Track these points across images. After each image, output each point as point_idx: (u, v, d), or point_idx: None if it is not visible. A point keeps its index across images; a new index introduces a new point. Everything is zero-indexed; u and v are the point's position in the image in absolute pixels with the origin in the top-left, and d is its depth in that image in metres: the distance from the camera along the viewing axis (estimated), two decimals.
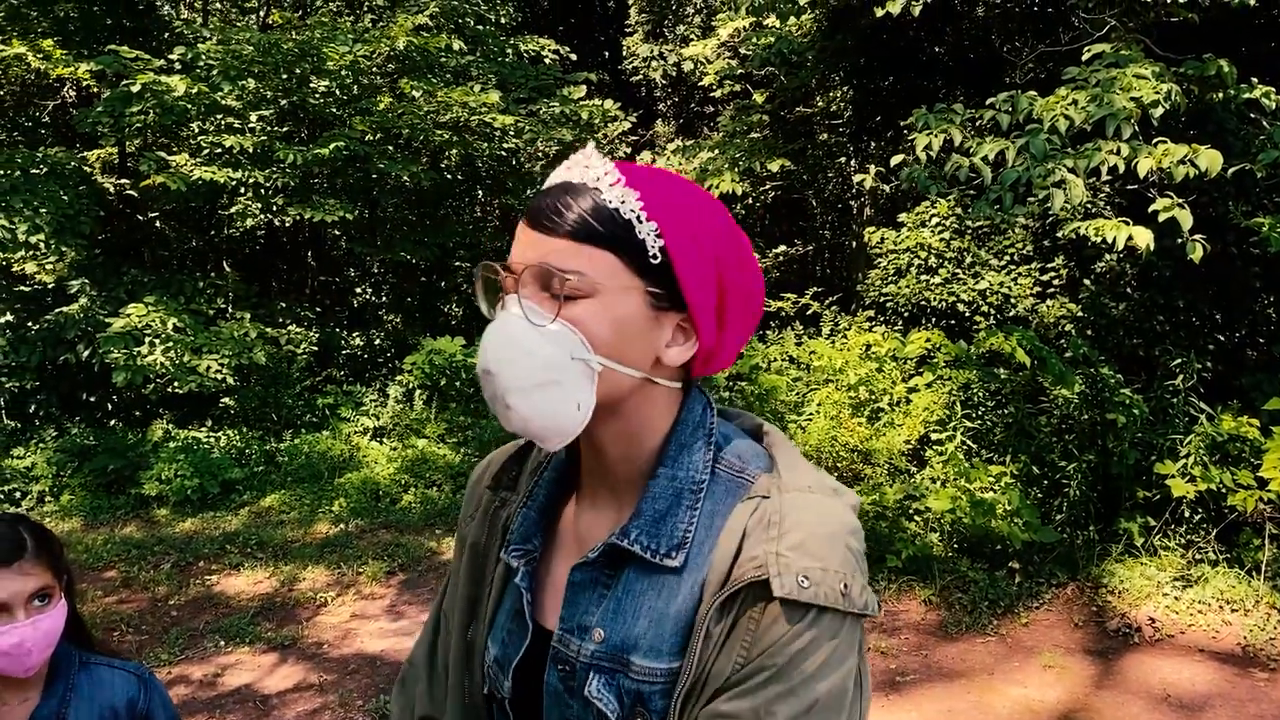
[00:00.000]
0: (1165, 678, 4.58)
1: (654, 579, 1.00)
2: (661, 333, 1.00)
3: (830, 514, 0.97)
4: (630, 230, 0.96)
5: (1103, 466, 5.94)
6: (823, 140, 11.01)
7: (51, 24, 9.48)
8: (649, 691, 0.97)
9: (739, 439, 1.08)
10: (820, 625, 0.92)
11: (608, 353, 0.96)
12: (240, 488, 7.81)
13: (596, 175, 0.98)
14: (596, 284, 0.95)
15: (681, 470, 1.02)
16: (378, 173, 9.46)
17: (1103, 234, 4.72)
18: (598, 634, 1.00)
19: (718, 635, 0.94)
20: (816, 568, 0.93)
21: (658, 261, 0.96)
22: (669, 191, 0.99)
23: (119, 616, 5.43)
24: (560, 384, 0.95)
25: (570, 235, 0.95)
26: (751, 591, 0.93)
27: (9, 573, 1.54)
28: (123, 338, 7.83)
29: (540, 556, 1.12)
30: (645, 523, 1.01)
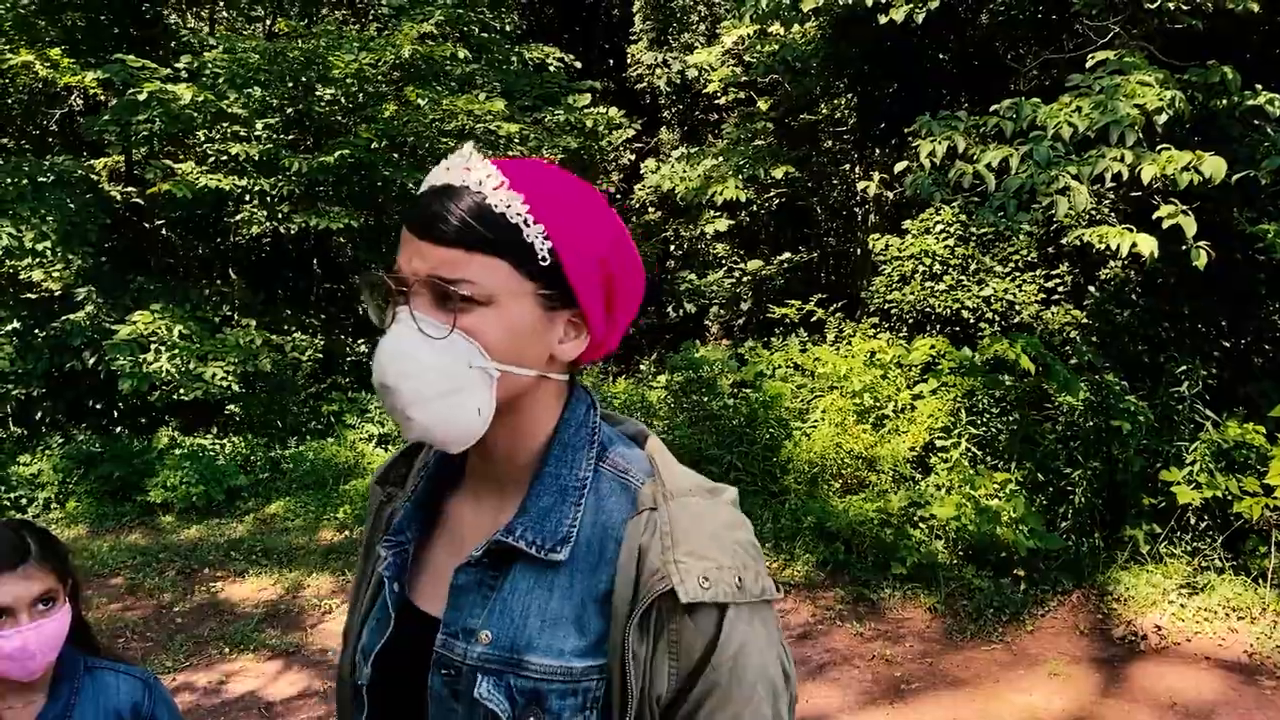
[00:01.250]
0: (1171, 685, 4.56)
1: (541, 576, 1.01)
2: (554, 331, 1.02)
3: (713, 515, 1.01)
4: (518, 234, 0.96)
5: (1108, 474, 5.92)
6: (827, 147, 11.03)
7: (59, 33, 9.54)
8: (547, 690, 0.98)
9: (620, 443, 1.10)
10: (733, 621, 0.97)
11: (505, 358, 0.98)
12: (245, 495, 7.82)
13: (479, 178, 0.97)
14: (489, 292, 0.95)
15: (566, 469, 1.04)
16: (383, 180, 9.49)
17: (1106, 241, 4.72)
18: (484, 636, 1.01)
19: (644, 655, 0.97)
20: (712, 567, 0.96)
21: (547, 264, 0.97)
22: (552, 190, 0.99)
23: (124, 623, 5.43)
24: (459, 392, 0.96)
25: (458, 243, 0.95)
26: (662, 604, 0.96)
27: (13, 577, 1.54)
28: (128, 345, 7.87)
29: (418, 547, 1.13)
30: (530, 519, 1.02)
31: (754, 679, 0.98)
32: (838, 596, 5.60)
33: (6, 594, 1.54)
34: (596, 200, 1.03)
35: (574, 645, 0.99)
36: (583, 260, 0.99)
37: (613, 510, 1.03)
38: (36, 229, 7.86)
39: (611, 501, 1.04)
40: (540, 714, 0.98)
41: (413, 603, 1.10)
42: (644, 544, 0.99)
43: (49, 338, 8.51)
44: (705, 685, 0.97)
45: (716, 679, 0.96)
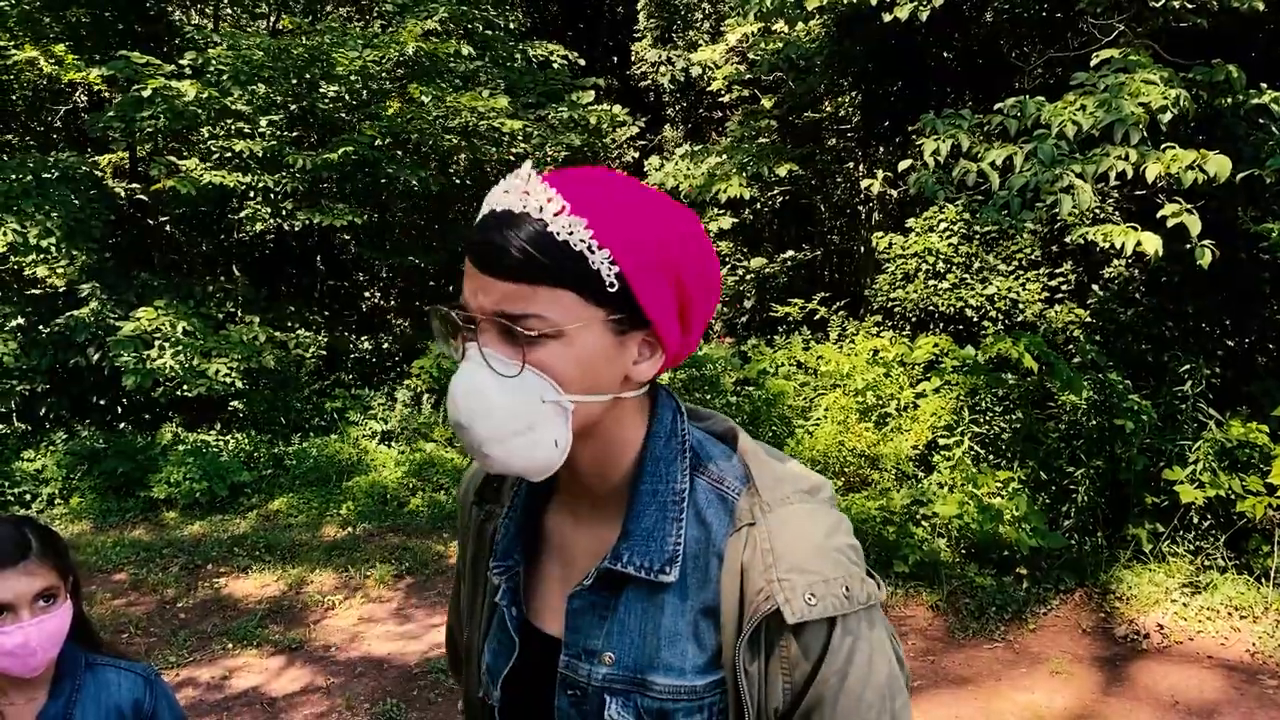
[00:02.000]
0: (1174, 684, 4.56)
1: (653, 596, 1.02)
2: (628, 353, 0.99)
3: (812, 523, 1.00)
4: (583, 262, 0.92)
5: (1111, 472, 5.91)
6: (831, 145, 11.01)
7: (64, 29, 9.54)
8: (673, 709, 0.99)
9: (712, 446, 1.08)
10: (842, 633, 0.97)
11: (578, 389, 0.95)
12: (249, 491, 7.84)
13: (539, 204, 0.93)
14: (557, 325, 0.92)
15: (661, 484, 1.03)
16: (386, 177, 9.50)
17: (1111, 239, 4.71)
18: (608, 657, 1.01)
19: (756, 674, 0.97)
20: (818, 581, 0.96)
21: (615, 289, 0.94)
22: (616, 208, 0.94)
23: (128, 618, 5.45)
24: (534, 428, 0.94)
25: (522, 277, 0.91)
26: (769, 623, 0.96)
27: (14, 573, 1.54)
28: (132, 341, 7.88)
29: (525, 567, 1.13)
30: (635, 543, 1.01)
31: (861, 687, 0.97)
32: None
33: (8, 590, 1.54)
34: (663, 207, 0.98)
35: (694, 663, 1.00)
36: (652, 279, 0.95)
37: (713, 523, 1.02)
38: (41, 225, 7.87)
39: (711, 514, 1.03)
40: None
41: (532, 624, 1.11)
42: (746, 562, 0.98)
43: (53, 334, 8.52)
44: (814, 697, 0.97)
45: (824, 692, 0.97)
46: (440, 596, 5.80)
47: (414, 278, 11.92)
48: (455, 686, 4.59)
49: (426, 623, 5.41)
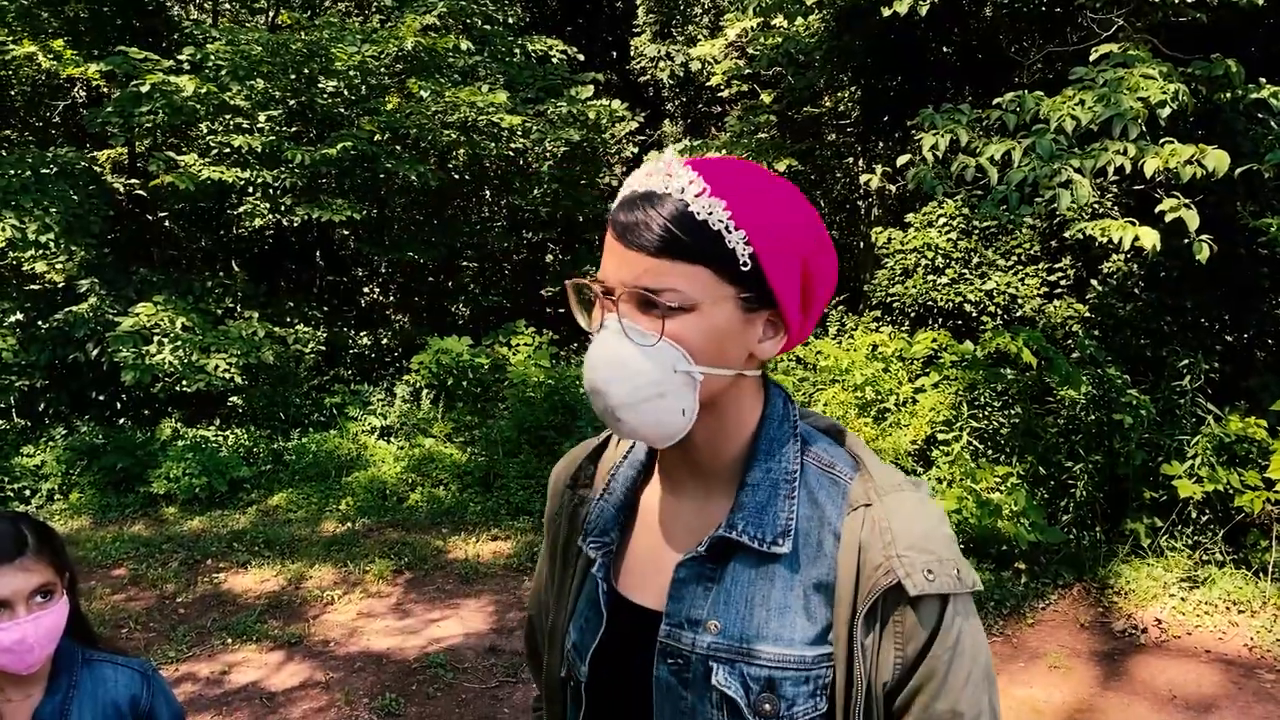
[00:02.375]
0: (1172, 679, 4.57)
1: (763, 568, 1.06)
2: (754, 331, 1.05)
3: (924, 509, 1.05)
4: (720, 242, 0.98)
5: (1109, 467, 5.92)
6: (831, 141, 11.00)
7: (62, 24, 9.53)
8: (780, 677, 1.03)
9: (819, 437, 1.15)
10: (952, 611, 1.02)
11: (708, 361, 1.01)
12: (248, 486, 7.84)
13: (681, 185, 0.99)
14: (693, 299, 0.99)
15: (775, 463, 1.08)
16: (385, 173, 9.49)
17: (1109, 234, 4.71)
18: (713, 626, 1.05)
19: (870, 646, 1.01)
20: (934, 560, 1.01)
21: (748, 269, 1.00)
22: (753, 193, 1.00)
23: (127, 614, 5.45)
24: (665, 396, 1.00)
25: (662, 252, 0.98)
26: (887, 598, 1.01)
27: (10, 569, 1.54)
28: (131, 337, 7.88)
29: (620, 545, 1.17)
30: (749, 513, 1.06)
31: (969, 667, 1.02)
32: None
33: (4, 587, 1.54)
34: (795, 198, 1.04)
35: (803, 635, 1.03)
36: (782, 262, 1.01)
37: (825, 504, 1.07)
38: (39, 221, 7.87)
39: (822, 495, 1.08)
40: (775, 700, 1.02)
41: (625, 597, 1.14)
42: (864, 540, 1.03)
43: (52, 329, 8.53)
44: (925, 673, 1.01)
45: (936, 667, 1.01)
46: (439, 592, 5.80)
47: (413, 273, 11.91)
48: (452, 681, 4.60)
49: (425, 618, 5.42)
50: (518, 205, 11.45)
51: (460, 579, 6.00)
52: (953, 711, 1.01)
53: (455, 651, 4.96)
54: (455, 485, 7.73)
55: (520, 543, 6.59)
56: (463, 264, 12.13)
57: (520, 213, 11.83)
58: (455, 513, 7.20)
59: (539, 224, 11.88)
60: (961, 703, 1.01)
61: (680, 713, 1.06)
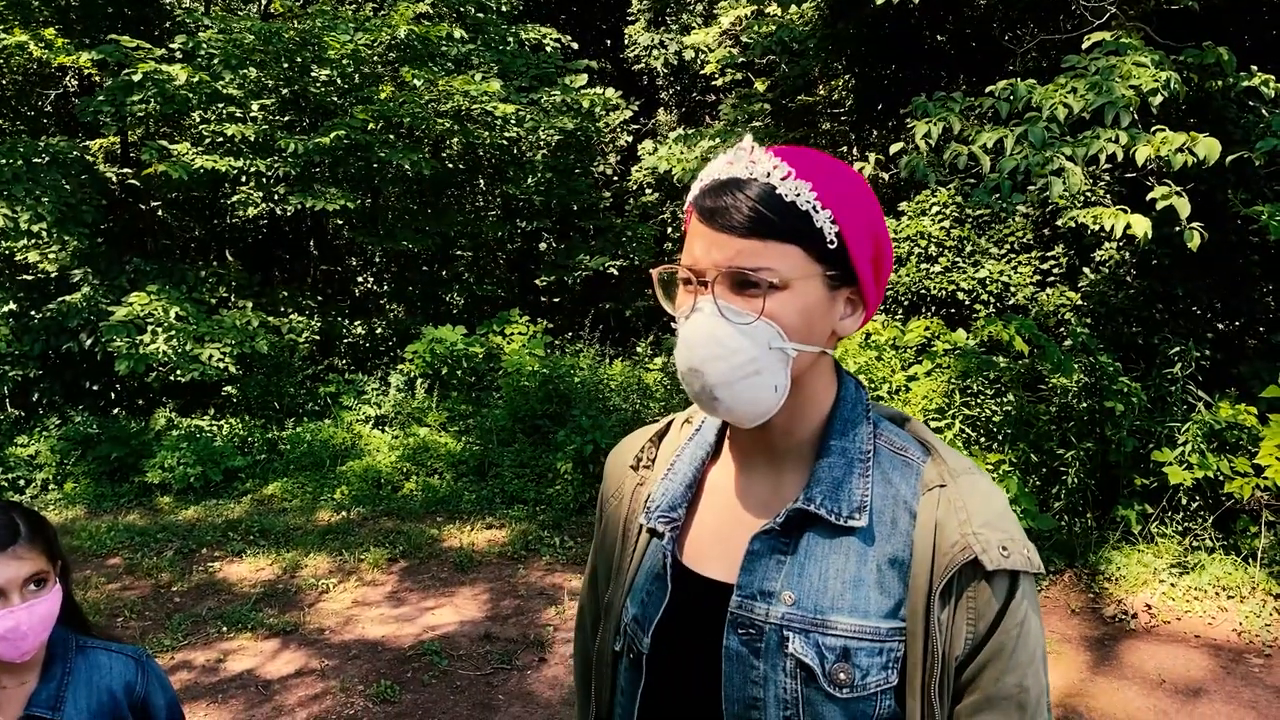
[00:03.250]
0: (1161, 663, 4.61)
1: (836, 542, 1.09)
2: (837, 308, 1.09)
3: (994, 492, 1.09)
4: (809, 221, 1.02)
5: (1101, 454, 5.95)
6: (825, 129, 10.99)
7: (53, 13, 9.49)
8: (855, 647, 1.06)
9: (888, 421, 1.19)
10: (1022, 589, 1.06)
11: (800, 338, 1.06)
12: (243, 476, 7.85)
13: (766, 170, 1.03)
14: (786, 276, 1.03)
15: (850, 442, 1.12)
16: (379, 161, 9.47)
17: (1100, 222, 4.72)
18: (788, 596, 1.08)
19: (945, 620, 1.04)
20: (1008, 538, 1.05)
21: (834, 246, 1.04)
22: (833, 177, 1.05)
23: (122, 603, 5.47)
24: (760, 373, 1.04)
25: (754, 233, 1.02)
26: (963, 573, 1.04)
27: (4, 558, 1.55)
28: (125, 326, 7.87)
29: (684, 522, 1.20)
30: (825, 488, 1.09)
31: (1034, 645, 1.06)
32: None
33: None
34: (862, 181, 1.09)
35: (878, 607, 1.06)
36: (862, 240, 1.06)
37: (899, 484, 1.11)
38: (32, 210, 7.85)
39: (896, 475, 1.11)
40: (850, 669, 1.05)
41: (689, 569, 1.16)
42: (940, 518, 1.06)
43: (45, 319, 8.52)
44: (995, 647, 1.04)
45: (1005, 642, 1.04)
46: (433, 580, 5.83)
47: (407, 262, 11.90)
48: (447, 668, 4.63)
49: (420, 605, 5.44)
50: (512, 194, 11.43)
51: (455, 567, 6.02)
52: (1020, 686, 1.05)
53: (450, 639, 4.99)
54: (450, 474, 7.74)
55: (514, 531, 6.61)
56: (457, 253, 12.13)
57: (514, 202, 11.82)
58: (450, 501, 7.22)
59: (533, 213, 11.87)
60: (1028, 678, 1.05)
61: (751, 682, 1.08)
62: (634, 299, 12.03)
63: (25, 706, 1.63)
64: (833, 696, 1.05)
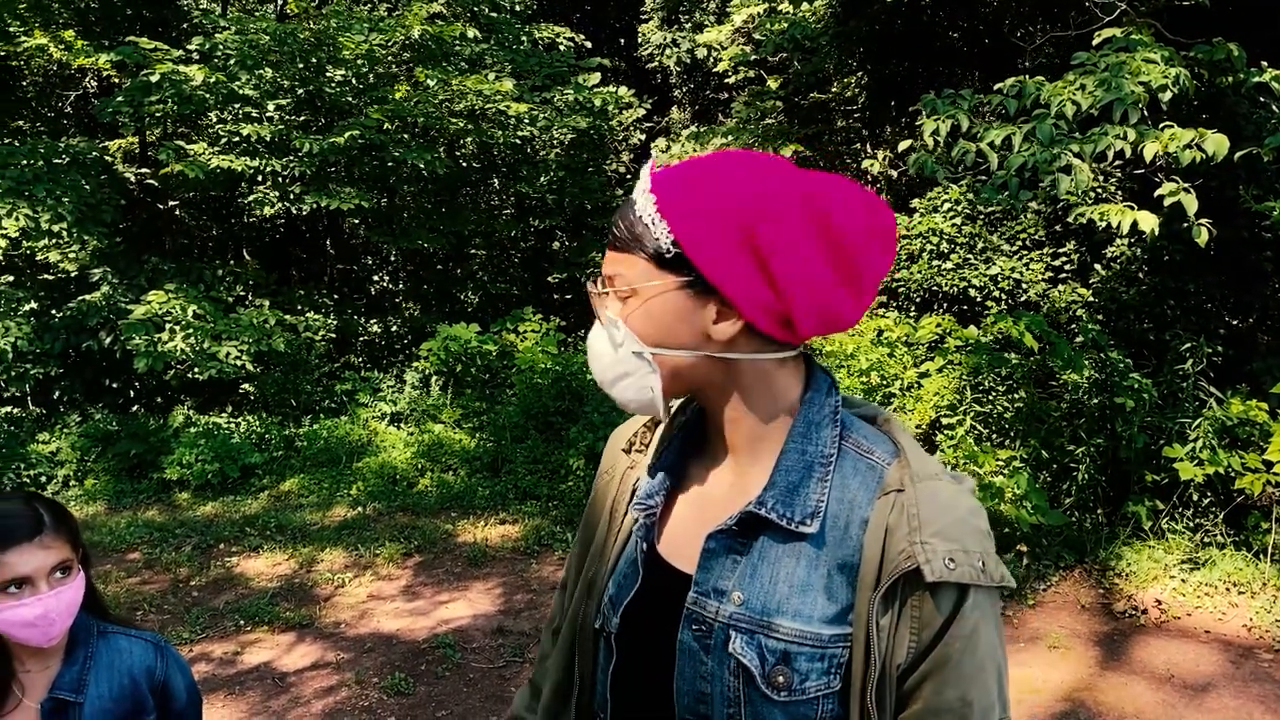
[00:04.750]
0: (1170, 659, 4.62)
1: (790, 546, 1.09)
2: (706, 313, 1.08)
3: (958, 500, 1.06)
4: (649, 232, 1.07)
5: (1111, 450, 5.96)
6: (840, 127, 11.00)
7: (72, 15, 9.60)
8: (796, 652, 1.06)
9: (861, 424, 1.17)
10: (972, 601, 1.03)
11: (655, 341, 1.10)
12: (260, 472, 7.94)
13: (640, 188, 1.09)
14: (630, 285, 1.09)
15: (811, 445, 1.11)
16: (394, 161, 9.55)
17: (1108, 219, 4.74)
18: (736, 597, 1.09)
19: (887, 627, 1.03)
20: (958, 550, 1.02)
21: (671, 256, 1.06)
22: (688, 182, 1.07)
23: (142, 597, 5.55)
24: (629, 375, 1.13)
25: (614, 246, 1.12)
26: (906, 581, 1.02)
27: (31, 547, 1.61)
28: (143, 325, 7.97)
29: (664, 510, 1.23)
30: (779, 493, 1.09)
31: (984, 657, 1.03)
32: None
33: (27, 564, 1.61)
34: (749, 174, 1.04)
35: (822, 613, 1.06)
36: (714, 247, 1.04)
37: (858, 489, 1.09)
38: (52, 210, 7.95)
39: (856, 480, 1.10)
40: (789, 673, 1.05)
41: (662, 558, 1.19)
42: (891, 524, 1.05)
43: (66, 318, 8.63)
44: (938, 658, 1.02)
45: (949, 654, 1.02)
46: (447, 574, 5.89)
47: (422, 261, 11.98)
48: (460, 661, 4.69)
49: (434, 599, 5.51)
50: (525, 193, 11.49)
51: (469, 562, 6.08)
52: (962, 700, 1.03)
53: (463, 632, 5.05)
54: (464, 470, 7.81)
55: (527, 526, 6.67)
56: (471, 252, 12.20)
57: (528, 200, 11.88)
58: (464, 497, 7.28)
59: (546, 211, 11.93)
60: (972, 692, 1.03)
61: (700, 676, 1.10)
62: None
63: (50, 689, 1.69)
64: (770, 699, 1.06)
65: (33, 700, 1.69)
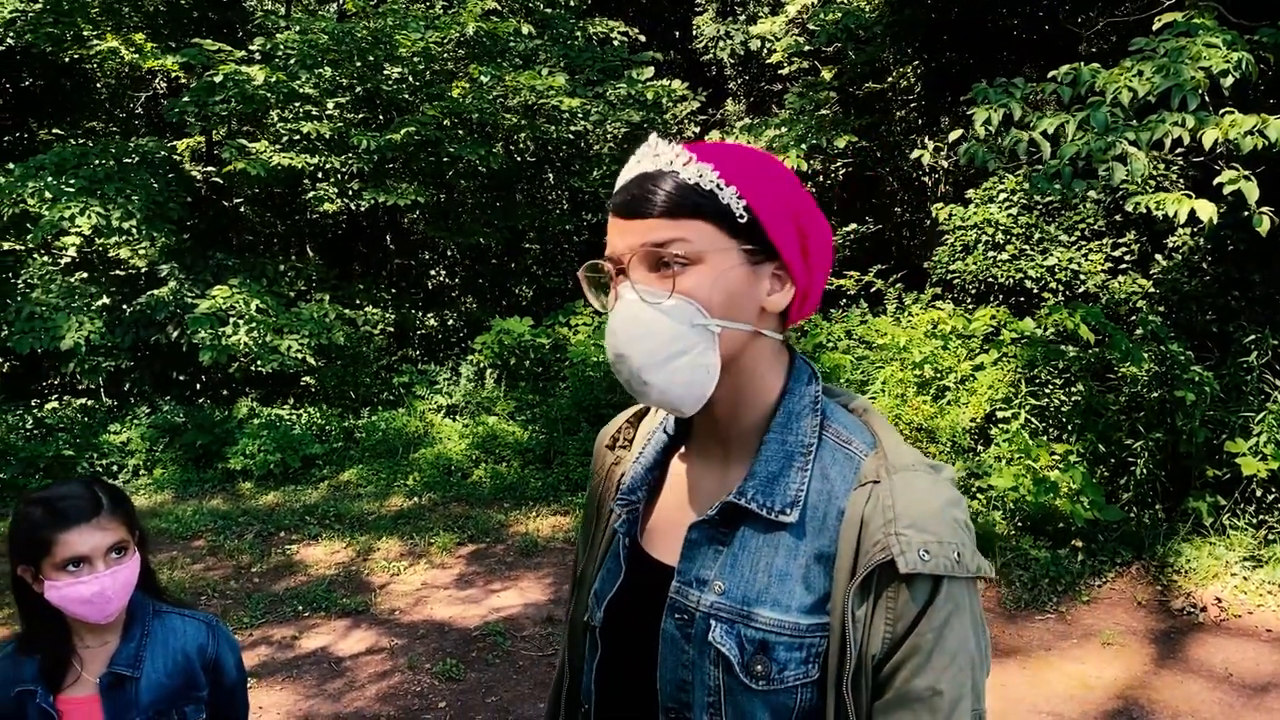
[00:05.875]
0: (1228, 658, 4.52)
1: (770, 536, 1.10)
2: (762, 284, 1.09)
3: (934, 490, 1.06)
4: (715, 198, 1.04)
5: (1171, 445, 5.83)
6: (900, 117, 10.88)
7: (142, 18, 9.89)
8: (774, 641, 1.07)
9: (842, 413, 1.17)
10: (947, 594, 1.03)
11: (722, 314, 1.06)
12: (320, 463, 8.13)
13: (669, 159, 1.06)
14: (699, 251, 1.04)
15: (791, 435, 1.12)
16: (449, 156, 9.67)
17: (1164, 208, 4.64)
18: (718, 586, 1.10)
19: (863, 618, 1.03)
20: (933, 541, 1.02)
21: (745, 220, 1.05)
22: (739, 159, 1.08)
23: (205, 583, 5.74)
24: (686, 352, 1.05)
25: (663, 214, 1.04)
26: (881, 573, 1.03)
27: (89, 528, 1.70)
28: (208, 318, 8.20)
29: (648, 504, 1.24)
30: (759, 483, 1.10)
31: (956, 648, 1.03)
32: None
33: (84, 544, 1.69)
34: (780, 167, 1.11)
35: (800, 603, 1.06)
36: (776, 215, 1.06)
37: (836, 479, 1.10)
38: (123, 208, 8.23)
39: (835, 470, 1.10)
40: (767, 662, 1.06)
41: (645, 551, 1.20)
42: (867, 515, 1.05)
43: (136, 313, 8.91)
44: (909, 648, 1.02)
45: (919, 643, 1.02)
46: (499, 564, 5.98)
47: (478, 255, 12.13)
48: (510, 649, 4.77)
49: (486, 588, 5.60)
50: (578, 187, 11.56)
51: (520, 552, 6.17)
52: (932, 689, 1.02)
53: (514, 621, 5.13)
54: (517, 462, 7.91)
55: (578, 517, 6.74)
56: (526, 246, 12.31)
57: (581, 194, 11.95)
58: (517, 488, 7.38)
59: (599, 205, 11.99)
60: (943, 682, 1.02)
61: (682, 665, 1.11)
62: None
63: (108, 664, 1.78)
64: (749, 688, 1.06)
65: (92, 674, 1.78)
